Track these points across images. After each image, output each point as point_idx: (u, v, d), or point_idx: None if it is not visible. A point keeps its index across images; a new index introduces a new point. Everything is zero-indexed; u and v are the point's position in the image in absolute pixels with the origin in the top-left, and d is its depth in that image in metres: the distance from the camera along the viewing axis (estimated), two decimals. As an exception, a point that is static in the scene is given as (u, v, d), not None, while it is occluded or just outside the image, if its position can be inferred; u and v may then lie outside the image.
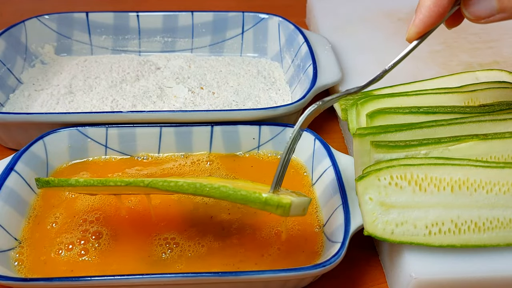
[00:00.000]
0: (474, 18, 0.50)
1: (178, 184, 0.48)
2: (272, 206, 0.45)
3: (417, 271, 0.51)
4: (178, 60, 0.85)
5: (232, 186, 0.46)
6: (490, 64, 0.81)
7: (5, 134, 0.70)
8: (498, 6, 0.48)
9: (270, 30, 0.87)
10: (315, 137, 0.65)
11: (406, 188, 0.52)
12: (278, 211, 0.45)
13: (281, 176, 0.49)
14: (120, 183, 0.50)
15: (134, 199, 0.61)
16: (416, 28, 0.50)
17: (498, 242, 0.52)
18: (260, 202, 0.45)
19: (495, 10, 0.48)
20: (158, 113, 0.66)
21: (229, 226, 0.58)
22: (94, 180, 0.51)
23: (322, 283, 0.56)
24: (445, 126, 0.57)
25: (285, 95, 0.79)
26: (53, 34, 0.85)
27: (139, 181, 0.49)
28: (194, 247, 0.56)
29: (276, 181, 0.49)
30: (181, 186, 0.48)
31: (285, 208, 0.45)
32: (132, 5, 1.06)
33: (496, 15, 0.48)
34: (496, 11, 0.48)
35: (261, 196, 0.45)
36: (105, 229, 0.57)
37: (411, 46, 0.52)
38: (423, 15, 0.50)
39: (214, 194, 0.47)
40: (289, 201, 0.45)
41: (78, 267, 0.54)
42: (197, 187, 0.47)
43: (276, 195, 0.46)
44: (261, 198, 0.45)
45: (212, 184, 0.47)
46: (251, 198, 0.46)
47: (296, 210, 0.46)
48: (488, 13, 0.49)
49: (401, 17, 0.93)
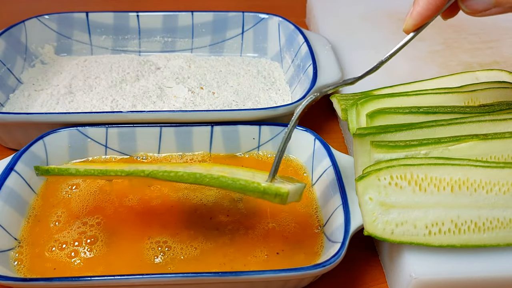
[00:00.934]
0: (470, 12, 0.50)
1: (178, 174, 0.48)
2: (270, 195, 0.47)
3: (417, 271, 0.51)
4: (178, 60, 0.85)
5: (231, 176, 0.47)
6: (490, 64, 0.81)
7: (5, 134, 0.70)
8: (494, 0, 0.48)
9: (270, 30, 0.87)
10: (315, 137, 0.65)
11: (406, 188, 0.52)
12: (276, 199, 0.47)
13: (278, 165, 0.50)
14: (120, 173, 0.51)
15: (134, 198, 0.61)
16: (413, 20, 0.51)
17: (498, 242, 0.52)
18: (259, 192, 0.47)
19: (491, 4, 0.48)
20: (158, 113, 0.66)
21: (227, 228, 0.58)
22: (95, 170, 0.52)
23: (322, 283, 0.56)
24: (445, 126, 0.57)
25: (285, 95, 0.79)
26: (53, 34, 0.85)
27: (140, 171, 0.50)
28: (187, 250, 0.55)
29: (273, 170, 0.50)
30: (181, 176, 0.48)
31: (282, 197, 0.47)
32: (132, 5, 1.06)
33: (492, 9, 0.49)
34: (492, 5, 0.49)
35: (260, 186, 0.47)
36: (101, 234, 0.57)
37: (408, 38, 0.53)
38: (420, 8, 0.50)
39: (214, 183, 0.48)
40: (286, 190, 0.46)
41: (74, 268, 0.54)
42: (197, 177, 0.48)
43: (274, 185, 0.47)
44: (260, 188, 0.47)
45: (212, 175, 0.48)
46: (250, 188, 0.47)
47: (293, 197, 0.48)
48: (485, 7, 0.49)
49: (401, 17, 0.93)
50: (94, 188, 0.62)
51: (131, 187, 0.62)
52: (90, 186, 0.62)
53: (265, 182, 0.48)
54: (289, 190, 0.47)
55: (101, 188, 0.62)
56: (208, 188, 0.62)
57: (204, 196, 0.61)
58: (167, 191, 0.62)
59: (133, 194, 0.61)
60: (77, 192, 0.62)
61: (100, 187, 0.62)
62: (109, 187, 0.62)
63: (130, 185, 0.62)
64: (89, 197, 0.61)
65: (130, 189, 0.62)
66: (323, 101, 0.80)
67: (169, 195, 0.61)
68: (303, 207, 0.61)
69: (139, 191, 0.62)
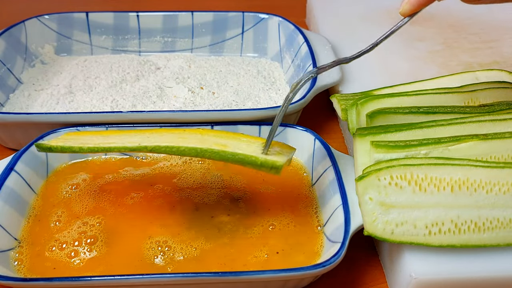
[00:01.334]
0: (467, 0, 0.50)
1: (180, 149, 0.52)
2: (267, 167, 0.51)
3: (417, 271, 0.51)
4: (178, 60, 0.85)
5: (230, 150, 0.52)
6: (490, 64, 0.81)
7: (5, 134, 0.70)
8: None
9: (270, 30, 0.87)
10: (315, 137, 0.65)
11: (406, 188, 0.52)
12: (272, 171, 0.51)
13: (272, 138, 0.54)
14: (124, 150, 0.54)
15: (134, 197, 0.61)
16: (411, 6, 0.52)
17: (498, 242, 0.52)
18: (256, 165, 0.52)
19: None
20: (158, 113, 0.66)
21: (228, 227, 0.58)
22: (98, 147, 0.55)
23: (322, 283, 0.56)
24: (445, 126, 0.57)
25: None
26: (53, 34, 0.85)
27: (143, 147, 0.53)
28: (187, 250, 0.55)
29: (268, 144, 0.54)
30: (183, 151, 0.52)
31: (278, 169, 0.51)
32: (132, 5, 1.06)
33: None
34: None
35: (257, 159, 0.51)
36: (101, 233, 0.57)
37: (402, 23, 0.55)
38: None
39: (215, 157, 0.52)
40: (281, 163, 0.51)
41: (74, 268, 0.54)
42: (198, 152, 0.52)
43: (269, 158, 0.52)
44: (257, 161, 0.52)
45: (212, 149, 0.52)
46: (248, 161, 0.52)
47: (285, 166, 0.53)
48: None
49: (400, 17, 0.93)
50: (95, 188, 0.62)
51: (131, 187, 0.62)
52: (90, 185, 0.62)
53: (261, 156, 0.52)
54: (284, 162, 0.51)
55: (101, 187, 0.62)
56: (209, 187, 0.62)
57: (205, 195, 0.61)
58: (168, 190, 0.62)
59: (133, 193, 0.61)
60: (77, 192, 0.62)
61: (100, 186, 0.62)
62: (110, 187, 0.62)
63: (130, 184, 0.62)
64: (89, 196, 0.61)
65: (130, 188, 0.62)
66: (323, 101, 0.81)
67: (170, 194, 0.61)
68: (303, 207, 0.61)
69: (140, 190, 0.62)
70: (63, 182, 0.63)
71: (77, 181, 0.63)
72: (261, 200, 0.61)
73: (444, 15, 0.94)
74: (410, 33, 0.89)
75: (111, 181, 0.63)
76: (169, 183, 0.63)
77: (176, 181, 0.63)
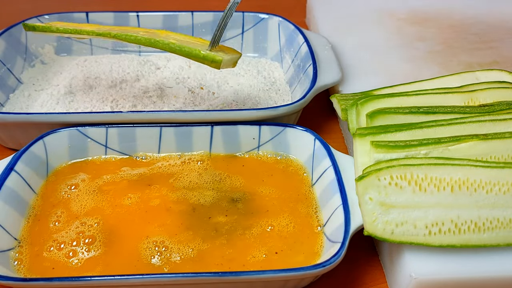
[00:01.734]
0: None
1: (137, 38, 0.61)
2: (208, 60, 0.59)
3: (417, 271, 0.51)
4: (178, 60, 0.85)
5: (179, 43, 0.60)
6: (490, 64, 0.81)
7: (5, 134, 0.70)
8: None
9: (270, 30, 0.87)
10: (315, 137, 0.65)
11: (406, 188, 0.52)
12: (212, 65, 0.59)
13: (219, 36, 0.62)
14: (91, 34, 0.63)
15: (132, 198, 0.61)
16: None
17: (498, 242, 0.52)
18: (199, 57, 0.59)
19: None
20: (158, 113, 0.66)
21: (225, 228, 0.58)
22: (71, 29, 0.64)
23: (322, 283, 0.56)
24: (445, 126, 0.57)
25: (285, 95, 0.79)
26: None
27: (107, 33, 0.62)
28: (184, 250, 0.55)
29: (213, 41, 0.61)
30: (139, 40, 0.61)
31: (217, 63, 0.59)
32: (132, 5, 1.06)
33: None
34: None
35: (200, 53, 0.59)
36: (99, 234, 0.57)
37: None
38: None
39: (165, 48, 0.60)
40: (221, 58, 0.59)
41: (72, 268, 0.54)
42: (151, 42, 0.60)
43: (211, 53, 0.59)
44: (200, 55, 0.59)
45: (163, 40, 0.60)
46: (193, 54, 0.59)
47: (227, 64, 0.61)
48: None
49: (400, 17, 0.93)
50: (93, 188, 0.62)
51: (129, 187, 0.62)
52: (89, 186, 0.62)
53: (205, 51, 0.59)
54: (223, 58, 0.59)
55: (100, 188, 0.62)
56: (207, 188, 0.62)
57: (202, 196, 0.61)
58: (165, 191, 0.62)
59: (131, 194, 0.61)
60: (76, 192, 0.62)
61: (99, 187, 0.62)
62: (108, 187, 0.62)
63: (128, 185, 0.62)
64: (88, 197, 0.61)
65: (128, 189, 0.62)
66: (323, 101, 0.81)
67: (168, 195, 0.61)
68: (303, 207, 0.61)
69: (137, 191, 0.62)
70: (63, 182, 0.63)
71: (76, 181, 0.63)
72: (260, 201, 0.61)
73: (444, 15, 0.94)
74: (410, 33, 0.89)
75: (109, 182, 0.63)
76: (167, 184, 0.63)
77: (173, 181, 0.63)
